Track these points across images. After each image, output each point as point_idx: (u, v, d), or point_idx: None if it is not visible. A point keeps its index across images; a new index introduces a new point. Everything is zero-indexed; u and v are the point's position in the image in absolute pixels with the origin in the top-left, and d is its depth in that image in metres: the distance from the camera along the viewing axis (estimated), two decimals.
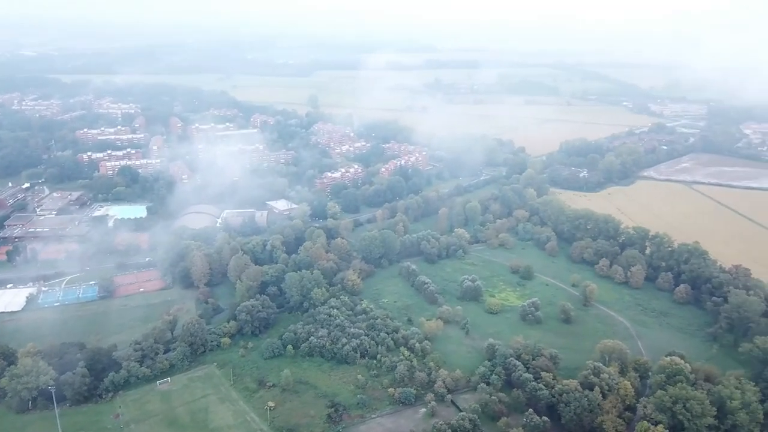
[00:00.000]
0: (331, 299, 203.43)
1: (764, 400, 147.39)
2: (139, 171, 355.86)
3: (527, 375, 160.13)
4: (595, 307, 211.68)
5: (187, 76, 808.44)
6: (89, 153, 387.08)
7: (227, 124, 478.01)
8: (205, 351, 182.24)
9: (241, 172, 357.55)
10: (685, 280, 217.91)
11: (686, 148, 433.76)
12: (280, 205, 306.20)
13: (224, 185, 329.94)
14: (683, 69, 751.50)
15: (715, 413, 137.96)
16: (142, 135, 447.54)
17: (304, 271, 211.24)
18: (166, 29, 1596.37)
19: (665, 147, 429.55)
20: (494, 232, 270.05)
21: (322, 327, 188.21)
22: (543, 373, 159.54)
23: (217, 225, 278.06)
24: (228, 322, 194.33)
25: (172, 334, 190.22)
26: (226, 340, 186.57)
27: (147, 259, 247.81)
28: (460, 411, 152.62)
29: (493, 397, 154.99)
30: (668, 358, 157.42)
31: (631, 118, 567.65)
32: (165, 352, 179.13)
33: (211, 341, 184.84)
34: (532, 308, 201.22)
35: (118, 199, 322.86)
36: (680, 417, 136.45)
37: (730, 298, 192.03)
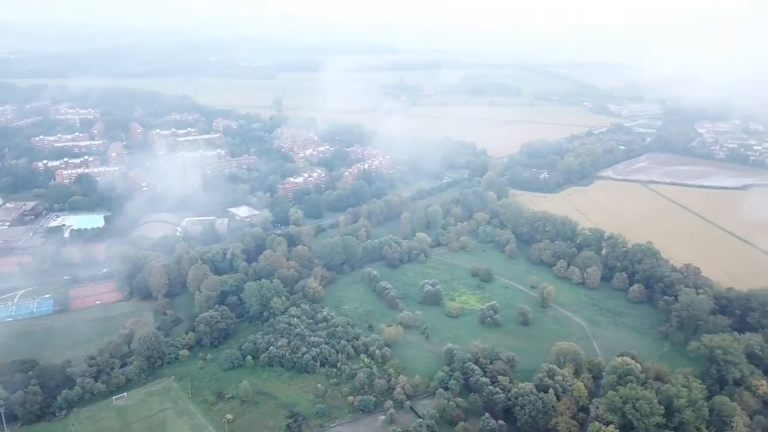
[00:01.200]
0: (292, 308, 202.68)
1: (710, 396, 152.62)
2: (97, 179, 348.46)
3: (484, 379, 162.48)
4: (553, 308, 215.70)
5: (148, 79, 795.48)
6: (45, 161, 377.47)
7: (189, 129, 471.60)
8: (162, 364, 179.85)
9: (203, 178, 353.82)
10: (639, 279, 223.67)
11: (643, 148, 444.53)
12: (242, 211, 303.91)
13: (185, 192, 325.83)
14: (641, 70, 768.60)
15: (663, 412, 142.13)
16: (101, 141, 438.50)
17: (263, 280, 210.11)
18: (126, 31, 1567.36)
19: (623, 147, 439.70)
20: (455, 235, 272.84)
21: (282, 336, 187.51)
22: (500, 377, 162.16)
23: (177, 234, 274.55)
24: (186, 333, 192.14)
25: (129, 347, 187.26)
26: (184, 352, 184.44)
27: (104, 270, 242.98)
28: (419, 417, 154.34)
29: (450, 402, 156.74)
30: (620, 359, 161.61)
31: (590, 118, 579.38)
32: (121, 367, 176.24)
33: (169, 354, 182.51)
34: (491, 311, 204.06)
35: (75, 208, 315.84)
36: (630, 417, 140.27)
37: (680, 297, 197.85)
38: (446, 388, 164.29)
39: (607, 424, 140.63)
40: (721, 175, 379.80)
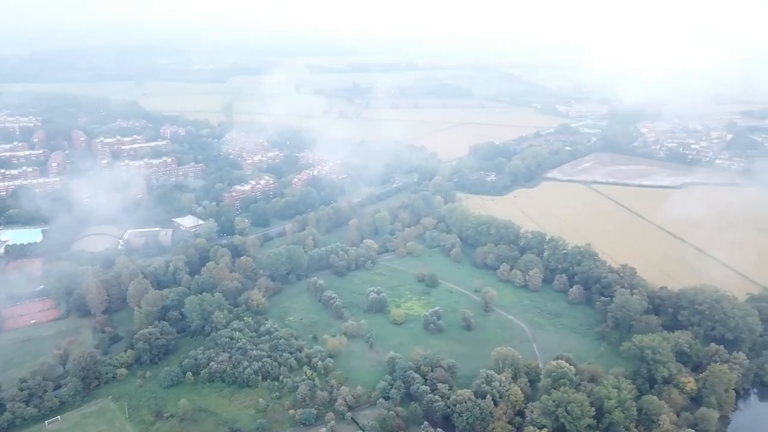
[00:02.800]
0: (234, 321, 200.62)
1: (641, 395, 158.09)
2: (36, 191, 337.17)
3: (424, 387, 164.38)
4: (496, 312, 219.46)
5: (94, 84, 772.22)
6: None
7: (135, 136, 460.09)
8: (99, 384, 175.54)
9: (147, 188, 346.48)
10: (578, 281, 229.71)
11: (588, 148, 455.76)
12: (187, 222, 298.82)
13: (128, 203, 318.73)
14: (587, 70, 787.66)
15: (594, 413, 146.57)
16: (41, 151, 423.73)
17: (205, 293, 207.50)
18: (71, 33, 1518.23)
19: (569, 148, 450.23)
20: (403, 241, 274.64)
21: (223, 351, 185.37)
22: (439, 385, 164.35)
23: (119, 247, 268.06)
24: (125, 351, 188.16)
25: (64, 368, 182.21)
26: (122, 370, 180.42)
27: (40, 287, 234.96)
28: (360, 428, 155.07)
29: (391, 412, 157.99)
30: (554, 362, 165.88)
31: (539, 119, 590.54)
32: (55, 389, 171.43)
33: (106, 373, 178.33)
34: (434, 317, 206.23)
35: (11, 222, 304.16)
36: (562, 420, 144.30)
37: (615, 298, 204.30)
38: (387, 398, 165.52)
39: (541, 427, 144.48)
40: (661, 174, 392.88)
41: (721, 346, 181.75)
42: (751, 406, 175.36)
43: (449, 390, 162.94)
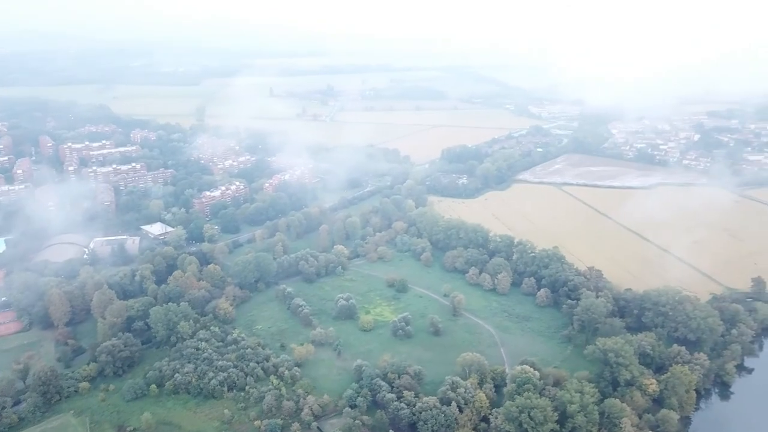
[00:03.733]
0: (201, 331, 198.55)
1: (604, 398, 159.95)
2: (0, 199, 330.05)
3: (390, 395, 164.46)
4: (464, 317, 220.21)
5: (63, 87, 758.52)
6: None
7: (104, 141, 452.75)
8: (60, 399, 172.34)
9: (115, 194, 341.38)
10: (546, 284, 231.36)
11: (559, 150, 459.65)
12: (155, 229, 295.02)
13: (95, 211, 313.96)
14: (560, 70, 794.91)
15: (557, 418, 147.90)
16: (7, 158, 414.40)
17: (170, 303, 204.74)
18: (40, 36, 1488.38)
19: (540, 149, 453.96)
20: (374, 245, 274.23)
21: (188, 362, 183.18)
22: (405, 392, 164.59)
23: (84, 256, 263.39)
24: (88, 364, 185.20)
25: (24, 383, 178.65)
26: (84, 384, 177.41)
27: (2, 299, 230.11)
28: None
29: (357, 420, 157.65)
30: (519, 367, 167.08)
31: (512, 120, 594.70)
32: (14, 405, 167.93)
33: (68, 387, 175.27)
34: (403, 323, 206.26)
35: None
36: (526, 425, 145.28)
37: (581, 301, 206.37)
38: (354, 406, 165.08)
39: None
40: (630, 175, 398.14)
41: (683, 347, 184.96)
42: (712, 405, 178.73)
43: (415, 397, 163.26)
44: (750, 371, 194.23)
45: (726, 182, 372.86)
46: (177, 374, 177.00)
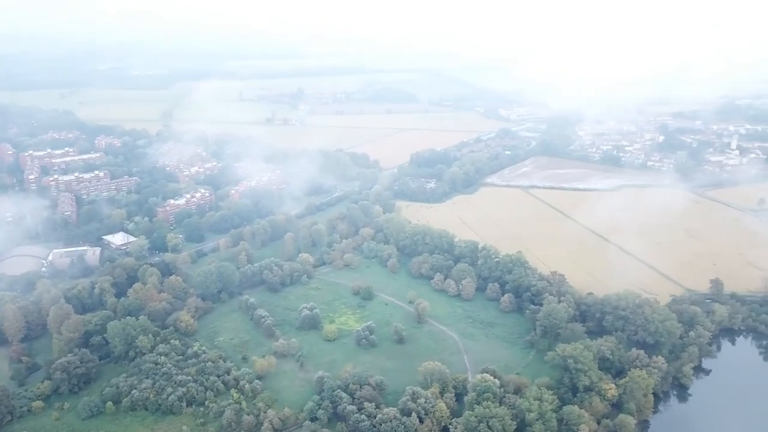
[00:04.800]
0: (160, 345, 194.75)
1: (563, 405, 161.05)
2: None
3: (351, 407, 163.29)
4: (429, 324, 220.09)
5: (27, 92, 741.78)
6: None
7: (66, 149, 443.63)
8: (12, 419, 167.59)
9: (77, 204, 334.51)
10: (510, 289, 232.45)
11: (527, 153, 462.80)
12: (117, 239, 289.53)
13: (56, 221, 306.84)
14: (531, 73, 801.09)
15: (516, 427, 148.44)
16: None
17: (129, 317, 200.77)
18: (6, 37, 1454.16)
19: (509, 152, 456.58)
20: (340, 253, 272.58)
21: (147, 377, 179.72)
22: (366, 404, 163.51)
23: (42, 269, 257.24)
24: (42, 382, 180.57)
25: None
26: (38, 403, 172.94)
27: None
28: None
29: None
30: (480, 376, 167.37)
31: (482, 123, 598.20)
32: None
33: (21, 407, 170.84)
34: (367, 332, 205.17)
35: None
36: None
37: (543, 306, 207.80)
38: (315, 419, 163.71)
39: None
40: (595, 177, 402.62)
41: (642, 351, 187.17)
42: (670, 408, 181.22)
43: (376, 408, 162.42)
44: (708, 372, 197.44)
45: (688, 183, 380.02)
46: (134, 390, 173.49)
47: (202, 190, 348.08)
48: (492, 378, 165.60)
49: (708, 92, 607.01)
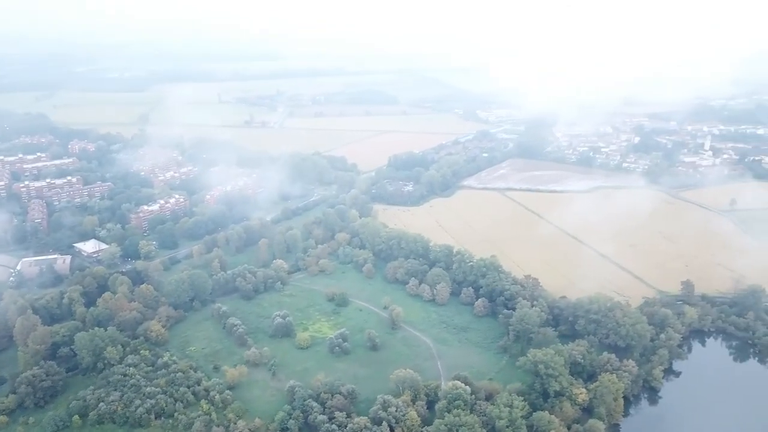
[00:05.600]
0: (129, 356, 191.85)
1: (534, 411, 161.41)
2: None
3: (322, 417, 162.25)
4: (403, 329, 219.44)
5: (1, 95, 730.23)
6: None
7: (39, 154, 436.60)
8: None
9: (48, 211, 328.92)
10: (483, 293, 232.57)
11: (504, 155, 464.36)
12: (88, 247, 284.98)
13: (26, 228, 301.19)
14: (509, 75, 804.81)
15: None
16: None
17: (97, 328, 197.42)
18: None
19: (486, 154, 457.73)
20: (315, 258, 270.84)
21: (115, 389, 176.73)
22: (337, 413, 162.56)
23: (10, 279, 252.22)
24: (7, 396, 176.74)
25: None
26: (2, 418, 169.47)
27: None
28: None
29: None
30: (451, 383, 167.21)
31: (460, 125, 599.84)
32: None
33: None
34: (340, 340, 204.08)
35: None
36: None
37: (516, 311, 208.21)
38: (285, 429, 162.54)
39: None
40: (572, 179, 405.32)
41: (613, 355, 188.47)
42: (641, 411, 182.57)
43: (347, 418, 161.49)
44: (678, 374, 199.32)
45: (662, 184, 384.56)
46: (102, 403, 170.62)
47: (177, 196, 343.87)
48: (463, 385, 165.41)
49: (682, 94, 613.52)
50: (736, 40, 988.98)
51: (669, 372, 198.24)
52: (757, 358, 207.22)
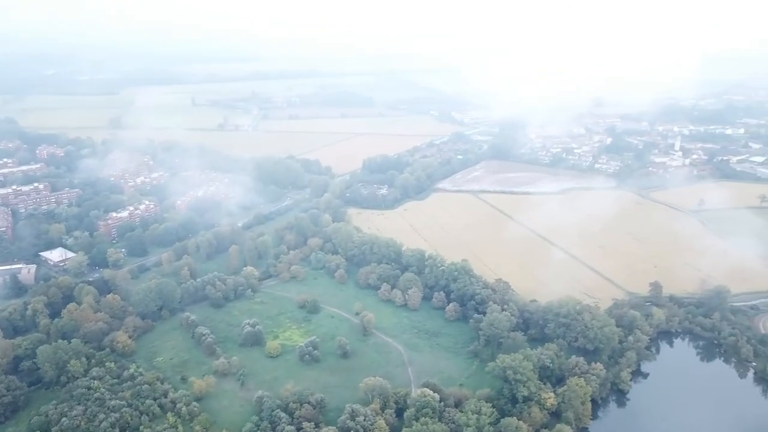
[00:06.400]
0: (94, 369, 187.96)
1: (503, 416, 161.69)
2: None
3: (290, 428, 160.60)
4: (375, 336, 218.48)
5: None
6: None
7: (5, 159, 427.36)
8: None
9: (14, 218, 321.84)
10: (455, 298, 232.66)
11: (479, 156, 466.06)
12: (55, 255, 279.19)
13: None
14: (483, 75, 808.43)
15: None
16: None
17: (61, 341, 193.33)
18: None
19: (460, 156, 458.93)
20: (287, 265, 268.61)
21: (78, 404, 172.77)
22: (305, 423, 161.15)
23: None
24: None
25: None
26: None
27: None
28: None
29: None
30: (419, 390, 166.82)
31: (435, 127, 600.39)
32: None
33: None
34: (310, 347, 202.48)
35: None
36: None
37: (486, 315, 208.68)
38: None
39: None
40: (544, 181, 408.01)
41: (582, 358, 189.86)
42: (609, 414, 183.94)
43: (315, 428, 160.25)
44: (646, 376, 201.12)
45: (633, 185, 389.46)
46: (65, 418, 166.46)
47: (147, 202, 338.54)
48: (432, 392, 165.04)
49: (650, 95, 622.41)
50: (702, 41, 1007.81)
51: (637, 374, 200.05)
52: (722, 358, 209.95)
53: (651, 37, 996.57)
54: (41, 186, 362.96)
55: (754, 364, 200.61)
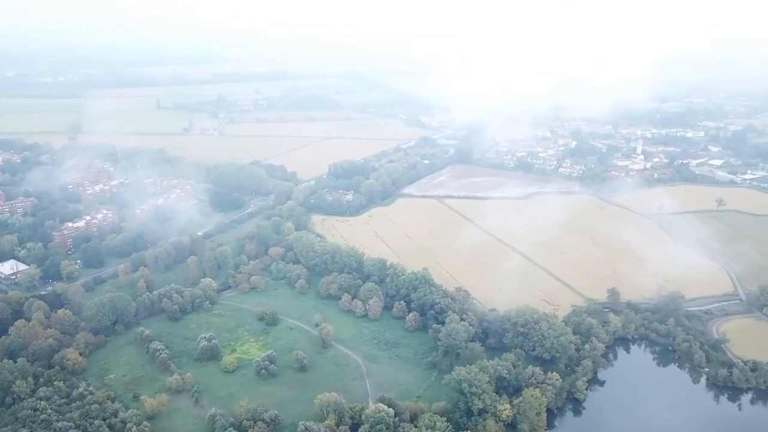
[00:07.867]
0: (42, 388, 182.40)
1: (458, 430, 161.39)
2: None
3: None
4: (334, 348, 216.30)
5: None
6: None
7: None
8: None
9: None
10: (415, 307, 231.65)
11: (445, 161, 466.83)
12: (5, 268, 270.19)
13: None
14: (450, 79, 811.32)
15: None
16: None
17: (5, 360, 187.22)
18: None
19: (427, 161, 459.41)
20: (246, 275, 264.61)
21: (23, 426, 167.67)
22: None
23: None
24: None
25: None
26: None
27: None
28: None
29: None
30: (374, 406, 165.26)
31: (403, 131, 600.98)
32: None
33: None
34: (267, 362, 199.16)
35: None
36: None
37: (445, 325, 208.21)
38: None
39: None
40: (509, 185, 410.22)
41: (538, 368, 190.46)
42: (565, 423, 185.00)
43: None
44: (602, 384, 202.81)
45: (595, 189, 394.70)
46: None
47: (105, 211, 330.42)
48: (386, 408, 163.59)
49: (613, 99, 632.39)
50: (657, 44, 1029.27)
51: (594, 381, 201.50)
52: (676, 364, 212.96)
53: (610, 42, 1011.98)
54: None
55: (706, 369, 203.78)
